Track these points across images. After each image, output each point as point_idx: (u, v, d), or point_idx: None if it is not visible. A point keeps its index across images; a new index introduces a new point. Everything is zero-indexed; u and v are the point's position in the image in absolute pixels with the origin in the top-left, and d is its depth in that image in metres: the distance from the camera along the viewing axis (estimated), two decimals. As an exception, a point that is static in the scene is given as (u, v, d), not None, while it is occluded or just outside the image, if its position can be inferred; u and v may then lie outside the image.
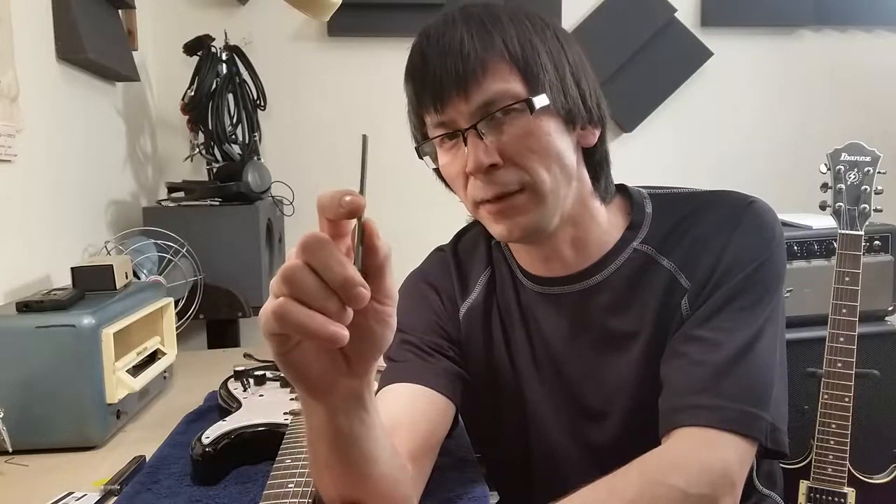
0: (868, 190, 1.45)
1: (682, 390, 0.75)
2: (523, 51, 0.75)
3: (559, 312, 0.87)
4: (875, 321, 1.84)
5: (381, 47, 2.19)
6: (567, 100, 0.77)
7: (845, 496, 1.46)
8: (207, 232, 1.67)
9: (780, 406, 0.76)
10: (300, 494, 0.69)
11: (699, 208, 0.84)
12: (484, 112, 0.75)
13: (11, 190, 1.26)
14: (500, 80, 0.74)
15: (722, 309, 0.77)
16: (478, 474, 0.87)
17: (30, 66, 1.32)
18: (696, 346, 0.76)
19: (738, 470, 0.70)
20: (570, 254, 0.85)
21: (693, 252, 0.81)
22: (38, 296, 1.07)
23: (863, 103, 2.40)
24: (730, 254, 0.79)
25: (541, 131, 0.76)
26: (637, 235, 0.85)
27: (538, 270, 0.87)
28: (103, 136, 1.73)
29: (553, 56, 0.77)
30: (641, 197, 0.88)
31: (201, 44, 1.81)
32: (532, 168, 0.76)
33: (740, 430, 0.71)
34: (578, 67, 0.79)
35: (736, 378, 0.73)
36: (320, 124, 2.20)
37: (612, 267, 0.84)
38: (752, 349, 0.75)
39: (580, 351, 0.86)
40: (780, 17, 2.33)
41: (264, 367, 1.14)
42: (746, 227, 0.80)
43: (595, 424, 0.86)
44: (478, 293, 0.91)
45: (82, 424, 1.03)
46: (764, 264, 0.78)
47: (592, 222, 0.84)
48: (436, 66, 0.76)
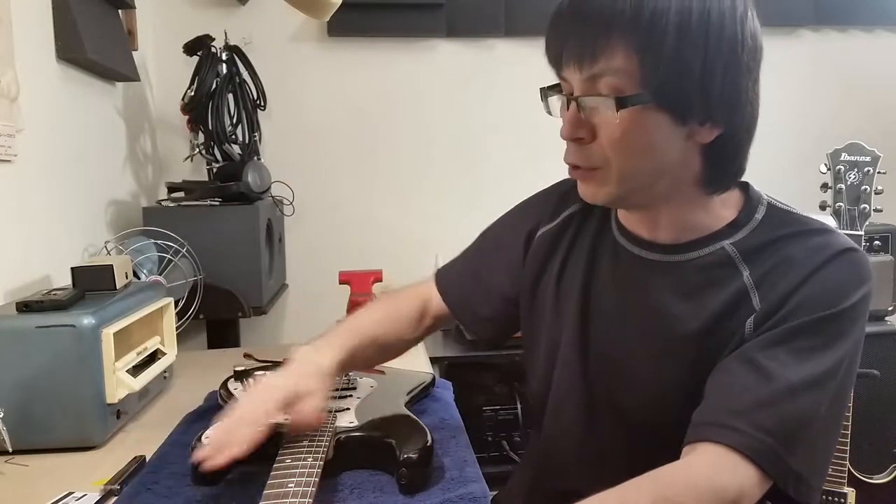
0: (868, 190, 1.45)
1: (719, 408, 0.73)
2: (650, 35, 0.71)
3: (630, 272, 0.87)
4: (875, 321, 1.84)
5: (381, 47, 2.19)
6: (681, 98, 0.73)
7: (845, 496, 1.46)
8: (207, 232, 1.67)
9: (817, 460, 0.74)
10: (300, 494, 0.69)
11: (801, 233, 0.80)
12: (590, 87, 0.75)
13: (11, 190, 1.26)
14: (614, 61, 0.72)
15: (787, 341, 0.74)
16: (478, 474, 0.87)
17: (30, 66, 1.32)
18: (748, 370, 0.73)
19: (750, 499, 0.68)
20: (667, 227, 0.84)
21: (775, 273, 0.78)
22: (38, 296, 1.08)
23: (863, 103, 2.39)
24: (809, 287, 0.75)
25: (634, 125, 0.74)
26: (734, 234, 0.82)
27: (633, 227, 0.89)
28: (103, 136, 1.73)
29: (684, 48, 0.71)
30: (758, 202, 0.85)
31: (201, 44, 1.81)
32: (613, 154, 0.76)
33: (761, 462, 0.69)
34: (717, 63, 0.72)
35: (775, 414, 0.70)
36: (320, 124, 2.19)
37: (693, 254, 0.83)
38: (802, 392, 0.72)
39: (626, 317, 0.86)
40: (780, 17, 2.33)
41: (264, 367, 1.15)
42: (836, 269, 0.76)
43: (607, 399, 0.87)
44: (557, 224, 0.96)
45: (82, 424, 1.03)
46: (843, 313, 0.74)
47: (693, 208, 0.83)
48: (564, 27, 0.76)
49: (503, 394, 1.90)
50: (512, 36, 2.20)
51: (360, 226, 2.24)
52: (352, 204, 2.23)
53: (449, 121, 2.23)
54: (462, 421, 1.06)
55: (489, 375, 1.91)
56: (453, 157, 2.25)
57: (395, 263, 2.14)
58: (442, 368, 1.84)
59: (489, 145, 2.26)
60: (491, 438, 1.87)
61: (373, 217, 2.24)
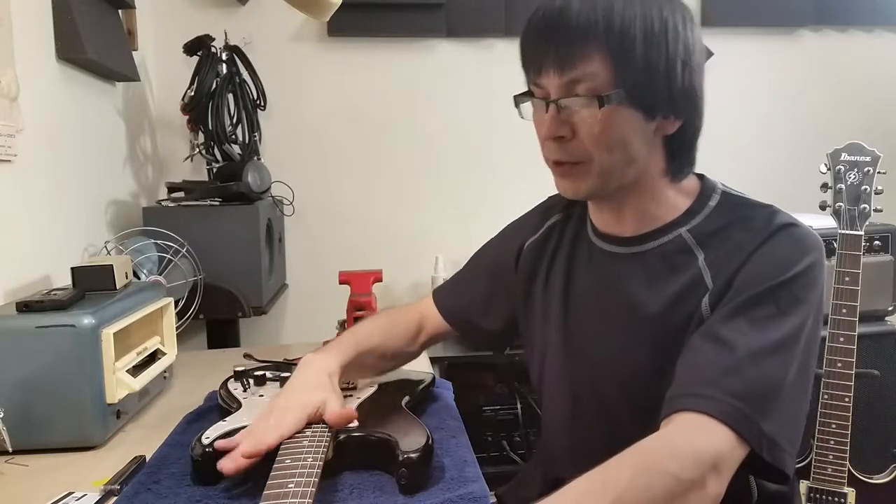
0: (868, 190, 1.45)
1: (689, 381, 0.76)
2: (621, 42, 0.80)
3: (599, 266, 0.95)
4: (875, 321, 1.84)
5: (381, 47, 2.19)
6: (650, 94, 0.82)
7: (845, 496, 1.46)
8: (207, 232, 1.67)
9: (789, 426, 0.76)
10: (300, 494, 0.69)
11: (750, 216, 0.86)
12: (568, 90, 0.83)
13: (11, 190, 1.26)
14: (590, 66, 0.81)
15: (744, 313, 0.79)
16: (478, 474, 0.87)
17: (30, 66, 1.32)
18: (712, 344, 0.78)
19: (728, 462, 0.71)
20: (631, 220, 0.91)
21: (725, 255, 0.84)
22: (38, 296, 1.07)
23: (863, 103, 2.40)
24: (752, 263, 0.81)
25: (611, 120, 0.82)
26: (689, 222, 0.89)
27: (602, 226, 0.96)
28: (103, 136, 1.73)
29: (650, 51, 0.81)
30: (712, 190, 0.91)
31: (201, 44, 1.81)
32: (595, 149, 0.84)
33: (734, 425, 0.71)
34: (676, 61, 0.82)
35: (742, 379, 0.74)
36: (320, 124, 2.20)
37: (654, 243, 0.90)
38: (764, 357, 0.76)
39: (600, 311, 0.93)
40: (780, 17, 2.33)
41: (264, 368, 1.15)
42: (777, 243, 0.82)
43: (588, 388, 0.94)
44: (540, 234, 1.04)
45: (82, 424, 1.03)
46: (792, 281, 0.79)
47: (654, 198, 0.90)
48: (543, 38, 0.83)
49: (503, 394, 1.90)
50: (512, 36, 2.19)
51: (360, 226, 2.24)
52: (352, 204, 2.23)
53: (449, 121, 2.23)
54: (462, 421, 1.06)
55: (489, 375, 1.90)
56: (453, 157, 2.25)
57: (395, 263, 2.14)
58: (442, 368, 1.84)
59: (489, 145, 2.26)
60: (491, 438, 1.87)
61: (373, 217, 2.24)
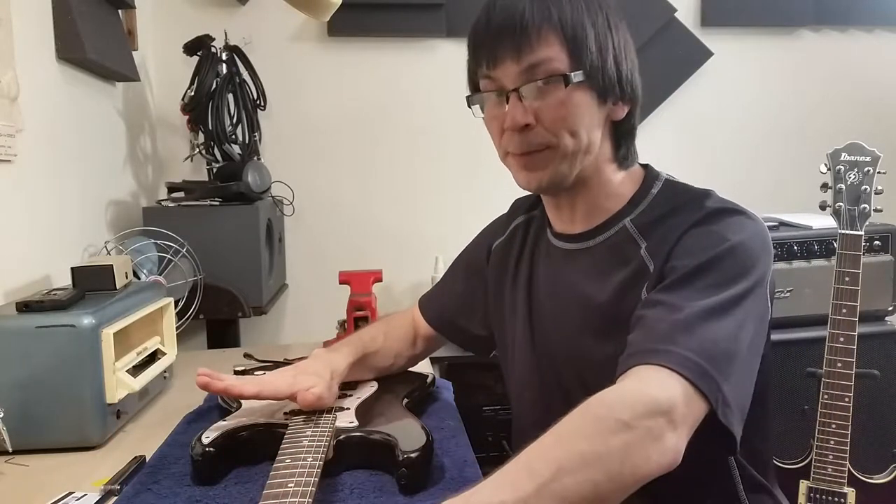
0: (868, 190, 1.45)
1: (641, 341, 0.75)
2: (574, 29, 0.83)
3: (556, 265, 0.97)
4: (875, 321, 1.84)
5: (381, 47, 2.19)
6: (604, 78, 0.85)
7: (845, 496, 1.46)
8: (207, 232, 1.67)
9: (742, 395, 0.74)
10: (300, 494, 0.69)
11: (688, 203, 0.87)
12: (528, 77, 0.84)
13: (11, 190, 1.26)
14: (549, 51, 0.83)
15: (686, 284, 0.78)
16: (478, 474, 0.87)
17: (30, 66, 1.32)
18: (657, 309, 0.77)
19: (685, 412, 0.67)
20: (581, 216, 0.93)
21: (664, 241, 0.84)
22: (38, 296, 1.08)
23: (863, 103, 2.40)
24: (685, 242, 0.82)
25: (573, 103, 0.84)
26: (633, 212, 0.91)
27: (557, 224, 0.98)
28: (103, 136, 1.73)
29: (600, 38, 0.85)
30: (655, 179, 0.93)
31: (201, 44, 1.81)
32: (559, 133, 0.85)
33: (691, 377, 0.69)
34: (621, 50, 0.87)
35: (694, 335, 0.72)
36: (320, 124, 2.20)
37: (602, 237, 0.92)
38: (711, 316, 0.74)
39: (557, 306, 0.95)
40: (780, 17, 2.33)
41: (264, 367, 1.15)
42: (708, 222, 0.83)
43: (550, 381, 0.96)
44: (506, 235, 1.07)
45: (82, 424, 1.03)
46: (730, 252, 0.79)
47: (602, 188, 0.92)
48: (497, 29, 0.84)
49: (503, 394, 1.89)
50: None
51: (360, 226, 2.24)
52: (352, 204, 2.23)
53: (449, 121, 2.23)
54: (462, 421, 1.06)
55: (489, 375, 1.90)
56: (453, 157, 2.25)
57: (395, 263, 2.14)
58: (442, 368, 1.84)
59: (489, 145, 2.25)
60: (491, 438, 1.87)
61: (373, 217, 2.24)
